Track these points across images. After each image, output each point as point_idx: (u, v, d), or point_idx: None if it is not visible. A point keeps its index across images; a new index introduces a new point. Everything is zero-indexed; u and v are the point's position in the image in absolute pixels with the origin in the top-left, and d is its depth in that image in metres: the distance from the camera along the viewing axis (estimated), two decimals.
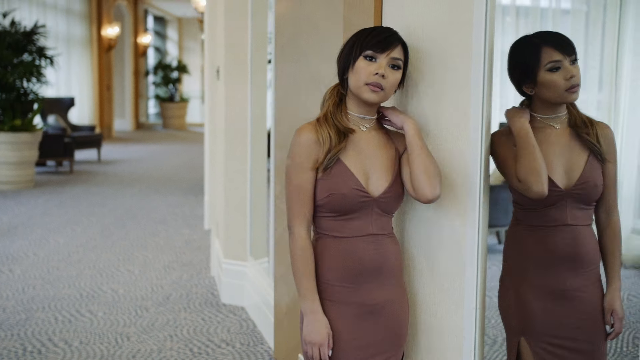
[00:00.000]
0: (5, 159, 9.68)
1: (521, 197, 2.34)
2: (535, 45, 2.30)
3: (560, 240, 2.34)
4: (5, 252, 6.36)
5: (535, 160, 2.21)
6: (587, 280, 2.36)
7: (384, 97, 2.13)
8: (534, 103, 2.36)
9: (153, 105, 24.00)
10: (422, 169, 2.09)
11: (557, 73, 2.26)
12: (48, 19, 14.27)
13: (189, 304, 4.99)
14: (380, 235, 2.17)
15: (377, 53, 2.10)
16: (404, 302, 2.25)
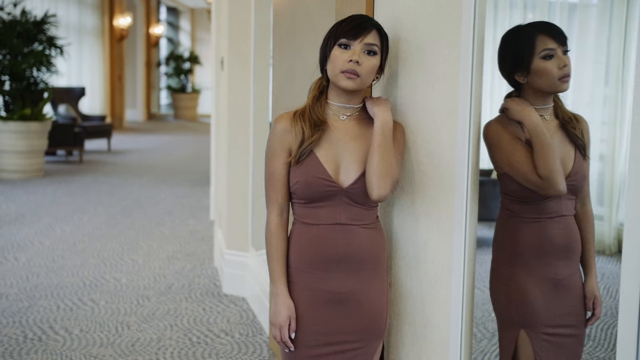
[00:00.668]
0: (14, 147, 9.73)
1: (521, 191, 2.33)
2: (530, 33, 2.31)
3: (556, 230, 2.36)
4: (11, 240, 6.40)
5: (556, 158, 2.23)
6: (573, 269, 2.41)
7: (361, 83, 2.13)
8: (525, 93, 2.36)
9: (165, 96, 24.04)
10: (373, 166, 2.11)
11: (551, 61, 2.28)
12: (60, 9, 14.32)
13: (191, 294, 5.01)
14: (351, 226, 2.17)
15: (350, 40, 2.11)
16: (380, 294, 2.23)
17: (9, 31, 9.82)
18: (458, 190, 2.13)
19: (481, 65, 2.14)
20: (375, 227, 2.23)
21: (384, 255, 2.26)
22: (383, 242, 2.25)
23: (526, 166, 2.27)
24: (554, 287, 2.38)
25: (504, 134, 2.32)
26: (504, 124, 2.33)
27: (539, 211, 2.36)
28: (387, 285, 2.27)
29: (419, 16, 2.19)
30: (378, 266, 2.24)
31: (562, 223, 2.37)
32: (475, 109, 2.12)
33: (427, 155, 2.20)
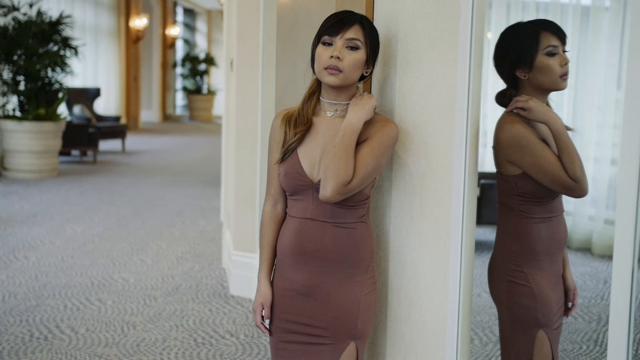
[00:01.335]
0: (29, 147, 9.79)
1: (538, 191, 2.35)
2: (534, 30, 2.35)
3: (561, 228, 2.44)
4: (22, 239, 6.43)
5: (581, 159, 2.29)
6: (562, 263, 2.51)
7: (344, 78, 2.14)
8: (524, 90, 2.39)
9: (181, 98, 24.13)
10: (323, 167, 2.14)
11: (554, 58, 2.33)
12: (76, 10, 14.40)
13: (198, 295, 5.01)
14: (321, 222, 2.19)
15: (332, 37, 2.14)
16: (353, 295, 2.22)
17: (24, 32, 9.88)
18: (455, 193, 2.12)
19: (480, 66, 2.13)
20: (356, 227, 2.21)
21: (363, 257, 2.23)
22: (363, 243, 2.22)
23: (558, 168, 2.28)
24: (558, 282, 2.46)
25: (532, 135, 2.32)
26: (526, 125, 2.34)
27: (548, 210, 2.39)
28: (367, 287, 2.23)
29: (417, 17, 2.18)
30: (354, 266, 2.22)
31: (563, 220, 2.44)
32: (473, 111, 2.10)
33: (425, 157, 2.19)
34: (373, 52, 2.19)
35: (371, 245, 2.26)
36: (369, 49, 2.16)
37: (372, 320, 2.27)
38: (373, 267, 2.26)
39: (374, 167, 2.14)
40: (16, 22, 10.04)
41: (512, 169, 2.37)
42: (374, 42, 2.18)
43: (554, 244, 2.42)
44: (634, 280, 1.50)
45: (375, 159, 2.14)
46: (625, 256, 1.50)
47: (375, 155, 2.14)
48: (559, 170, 2.28)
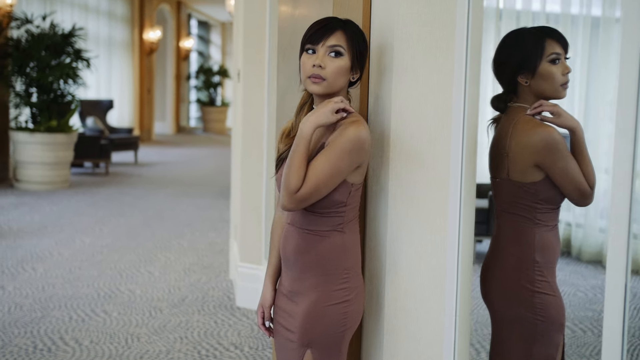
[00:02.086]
0: (40, 159, 9.82)
1: (555, 198, 2.37)
2: (539, 36, 2.36)
3: (559, 233, 2.47)
4: (31, 250, 6.43)
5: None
6: None
7: (328, 86, 2.11)
8: (524, 96, 2.41)
9: (195, 110, 24.20)
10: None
11: (557, 66, 2.34)
12: (90, 22, 14.49)
13: (204, 307, 4.98)
14: (298, 228, 2.20)
15: (314, 45, 2.12)
16: (317, 305, 2.18)
17: (37, 44, 9.94)
18: (452, 203, 2.08)
19: (478, 75, 2.10)
20: (328, 235, 2.16)
21: (334, 266, 2.18)
22: (334, 253, 2.17)
23: (580, 175, 2.32)
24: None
25: (564, 140, 2.33)
26: (558, 134, 2.34)
27: (557, 217, 2.43)
28: (335, 298, 2.18)
29: (412, 25, 2.15)
30: (323, 275, 2.18)
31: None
32: (470, 120, 2.07)
33: (422, 166, 2.15)
34: (359, 57, 2.15)
35: (348, 256, 2.19)
36: (353, 55, 2.13)
37: (339, 332, 2.19)
38: (348, 279, 2.19)
39: (329, 174, 2.06)
40: (29, 35, 10.10)
41: (534, 175, 2.34)
42: (358, 47, 2.14)
43: (560, 248, 2.46)
44: (627, 291, 1.46)
45: (330, 165, 2.06)
46: (618, 266, 1.46)
47: (330, 161, 2.06)
48: (581, 177, 2.32)
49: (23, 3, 11.32)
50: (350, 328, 2.21)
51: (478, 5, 2.05)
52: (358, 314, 2.22)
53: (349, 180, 2.11)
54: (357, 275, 2.21)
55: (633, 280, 4.89)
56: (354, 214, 2.20)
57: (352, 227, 2.20)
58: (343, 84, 2.15)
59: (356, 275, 2.21)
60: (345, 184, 2.11)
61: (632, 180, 1.44)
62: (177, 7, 20.67)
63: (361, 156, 2.10)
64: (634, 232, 4.01)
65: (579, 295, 4.17)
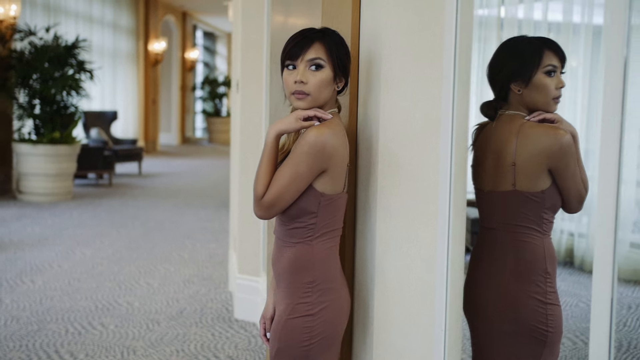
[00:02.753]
0: (43, 170, 9.81)
1: (557, 205, 2.34)
2: (538, 46, 2.32)
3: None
4: (31, 262, 6.40)
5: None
6: None
7: (312, 101, 2.10)
8: (515, 104, 2.38)
9: (201, 120, 24.21)
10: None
11: (552, 78, 2.31)
12: (95, 34, 14.51)
13: (202, 319, 4.94)
14: (277, 239, 2.24)
15: (293, 60, 2.10)
16: (280, 318, 2.19)
17: (40, 56, 9.94)
18: (441, 215, 2.04)
19: (467, 83, 2.06)
20: (295, 247, 2.15)
21: (299, 279, 2.16)
22: (298, 265, 2.15)
23: (580, 180, 2.31)
24: None
25: (573, 142, 2.31)
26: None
27: (552, 226, 2.38)
28: (296, 311, 2.16)
29: (400, 33, 2.11)
30: (289, 287, 2.18)
31: None
32: (459, 130, 2.03)
33: (411, 178, 2.11)
34: (340, 65, 2.12)
35: (313, 270, 2.15)
36: (334, 64, 2.10)
37: (304, 347, 2.15)
38: (311, 293, 2.16)
39: (289, 178, 2.06)
40: (32, 47, 10.11)
41: (544, 182, 2.30)
42: (339, 55, 2.11)
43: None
44: (613, 301, 1.41)
45: (290, 169, 2.06)
46: (605, 273, 1.42)
47: (289, 165, 2.06)
48: (581, 182, 2.31)
49: (27, 15, 11.34)
50: (318, 343, 2.15)
51: (467, 14, 2.01)
52: (328, 329, 2.16)
53: (317, 188, 2.08)
54: (327, 290, 2.15)
55: (637, 291, 4.83)
56: (328, 228, 2.15)
57: (324, 241, 2.15)
58: (328, 95, 2.12)
59: (326, 290, 2.15)
60: (313, 191, 2.08)
61: (618, 188, 1.40)
62: (183, 18, 20.71)
63: (322, 160, 2.05)
64: (635, 242, 3.94)
65: (581, 306, 4.11)
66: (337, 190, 2.12)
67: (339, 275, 2.19)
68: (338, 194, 2.12)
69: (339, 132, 2.08)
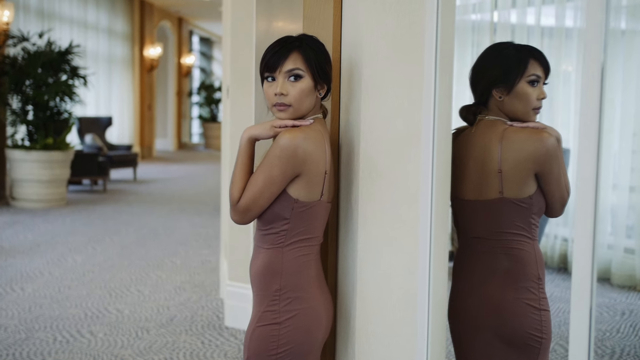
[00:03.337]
0: (37, 177, 9.77)
1: (543, 209, 2.32)
2: (524, 54, 2.30)
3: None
4: (21, 270, 6.36)
5: None
6: None
7: (294, 111, 2.09)
8: (494, 110, 2.35)
9: (197, 126, 24.18)
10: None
11: (534, 88, 2.29)
12: (89, 39, 14.47)
13: (192, 327, 4.89)
14: (254, 243, 2.21)
15: (272, 72, 2.09)
16: (253, 325, 2.18)
17: (33, 62, 9.90)
18: (422, 223, 2.00)
19: (449, 89, 2.02)
20: (267, 252, 2.14)
21: (268, 285, 2.14)
22: (267, 270, 2.14)
23: (564, 184, 2.29)
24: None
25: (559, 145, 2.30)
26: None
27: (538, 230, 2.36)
28: (264, 319, 2.14)
29: (380, 38, 2.08)
30: (259, 294, 2.17)
31: None
32: (442, 136, 1.99)
33: (392, 185, 2.08)
34: (320, 72, 2.10)
35: (280, 278, 2.13)
36: (313, 72, 2.08)
37: (272, 355, 2.12)
38: (278, 301, 2.13)
39: (262, 182, 2.05)
40: (25, 52, 10.07)
41: (530, 187, 2.27)
42: (318, 62, 2.09)
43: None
44: (592, 303, 1.38)
45: (263, 173, 2.06)
46: (584, 277, 1.38)
47: (262, 169, 2.06)
48: (564, 186, 2.29)
49: (20, 21, 11.30)
50: (287, 353, 2.12)
51: (448, 19, 1.98)
52: (298, 338, 2.13)
53: (291, 193, 2.06)
54: (295, 299, 2.12)
55: (631, 297, 4.79)
56: (302, 235, 2.12)
57: (296, 249, 2.13)
58: (310, 104, 2.11)
59: (294, 299, 2.12)
60: (286, 196, 2.06)
61: (596, 191, 1.36)
62: (179, 23, 20.69)
63: (295, 164, 2.04)
64: (629, 247, 3.90)
65: None
66: (313, 198, 2.08)
67: (312, 284, 2.15)
68: (314, 201, 2.09)
69: (314, 137, 2.05)
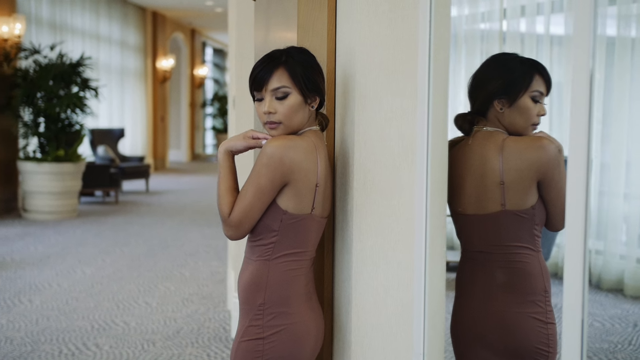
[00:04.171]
0: (48, 189, 9.80)
1: (544, 220, 2.27)
2: (530, 69, 2.26)
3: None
4: (30, 282, 6.36)
5: None
6: None
7: (285, 128, 2.08)
8: (493, 121, 2.30)
9: (211, 137, 24.23)
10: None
11: (535, 105, 2.25)
12: (102, 52, 14.54)
13: (198, 339, 4.87)
14: (245, 257, 2.17)
15: (259, 92, 2.07)
16: (238, 339, 2.14)
17: (45, 74, 9.95)
18: (418, 234, 1.96)
19: (445, 99, 1.99)
20: (254, 265, 2.12)
21: (253, 298, 2.11)
22: (252, 282, 2.11)
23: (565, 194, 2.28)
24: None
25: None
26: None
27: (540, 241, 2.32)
28: (248, 333, 2.11)
29: (374, 47, 2.05)
30: (244, 307, 2.14)
31: None
32: (436, 147, 1.95)
33: (386, 196, 2.04)
34: (309, 86, 2.07)
35: (265, 292, 2.10)
36: (301, 87, 2.05)
37: None
38: (262, 316, 2.10)
39: (252, 193, 2.03)
40: (37, 65, 10.12)
41: (533, 197, 2.22)
42: (305, 76, 2.06)
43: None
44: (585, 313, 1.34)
45: (252, 184, 2.04)
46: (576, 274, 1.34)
47: (251, 180, 2.04)
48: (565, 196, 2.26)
49: (33, 33, 11.37)
50: None
51: (442, 27, 1.94)
52: (284, 354, 2.10)
53: (280, 204, 2.04)
54: (279, 314, 2.09)
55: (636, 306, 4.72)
56: (290, 249, 2.09)
57: (283, 263, 2.10)
58: (302, 118, 2.08)
59: (278, 314, 2.09)
60: (276, 207, 2.04)
61: (587, 196, 1.33)
62: (192, 35, 20.76)
63: (282, 172, 2.01)
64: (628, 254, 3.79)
65: (596, 326, 4.01)
66: (303, 211, 2.05)
67: (299, 300, 2.11)
68: (304, 214, 2.06)
69: (303, 147, 2.03)
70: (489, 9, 5.65)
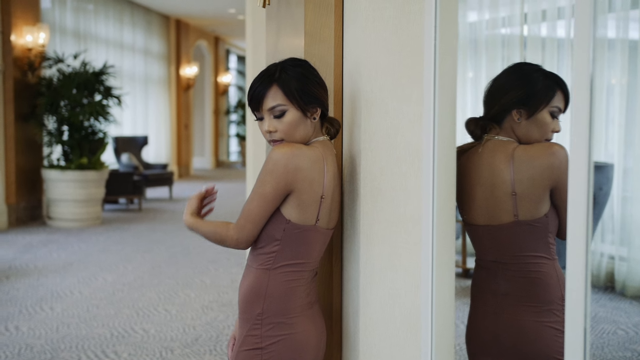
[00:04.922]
0: (72, 196, 9.87)
1: (557, 226, 2.22)
2: (553, 84, 2.23)
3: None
4: (52, 289, 6.40)
5: None
6: None
7: (288, 143, 2.07)
8: (507, 130, 2.26)
9: (236, 144, 24.29)
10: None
11: (552, 121, 2.22)
12: (126, 60, 14.64)
13: (216, 346, 4.86)
14: (247, 265, 2.16)
15: (257, 112, 2.08)
16: (237, 345, 2.14)
17: (68, 83, 10.04)
18: (424, 242, 1.94)
19: (452, 106, 1.96)
20: (255, 273, 2.10)
21: (252, 307, 2.10)
22: (250, 294, 2.10)
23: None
24: None
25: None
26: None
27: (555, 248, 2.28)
28: (247, 343, 2.09)
29: (380, 54, 2.03)
30: (243, 315, 2.13)
31: None
32: (443, 152, 1.93)
33: (393, 203, 2.02)
34: (306, 98, 2.04)
35: (263, 302, 2.08)
36: (297, 102, 2.03)
37: None
38: (261, 326, 2.09)
39: (256, 199, 2.03)
40: (61, 74, 10.21)
41: (545, 205, 2.18)
42: (300, 91, 2.04)
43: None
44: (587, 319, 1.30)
45: (256, 190, 2.04)
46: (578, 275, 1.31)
47: (256, 187, 2.04)
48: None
49: (57, 42, 11.48)
50: None
51: (449, 32, 1.92)
52: None
53: (284, 213, 2.02)
54: (278, 324, 2.07)
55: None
56: (292, 260, 2.06)
57: (284, 273, 2.08)
58: (305, 131, 2.08)
59: (277, 324, 2.07)
60: (279, 216, 2.03)
61: (589, 199, 1.29)
62: (215, 43, 20.85)
63: (287, 179, 1.99)
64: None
65: (619, 334, 3.93)
66: (307, 222, 2.03)
67: (299, 311, 2.09)
68: (307, 225, 2.03)
69: (310, 156, 2.01)
70: (510, 14, 5.61)
